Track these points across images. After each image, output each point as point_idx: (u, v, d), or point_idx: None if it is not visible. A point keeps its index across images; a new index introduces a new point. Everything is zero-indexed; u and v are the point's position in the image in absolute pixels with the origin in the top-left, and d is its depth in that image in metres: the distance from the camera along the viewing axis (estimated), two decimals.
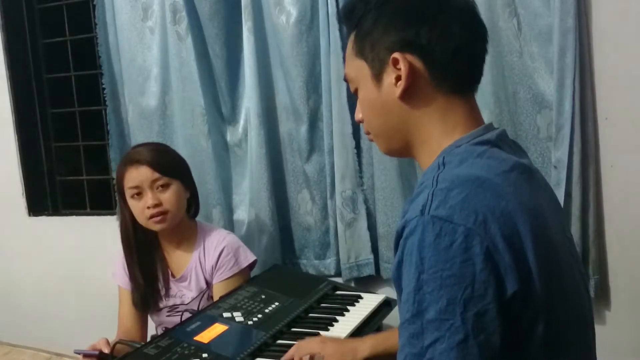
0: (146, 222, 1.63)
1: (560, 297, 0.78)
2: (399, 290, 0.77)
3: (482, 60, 0.90)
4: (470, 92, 0.89)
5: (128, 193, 1.62)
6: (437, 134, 0.86)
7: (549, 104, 1.68)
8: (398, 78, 0.85)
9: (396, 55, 0.84)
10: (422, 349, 0.70)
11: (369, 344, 1.25)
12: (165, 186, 1.62)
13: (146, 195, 1.60)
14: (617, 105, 1.65)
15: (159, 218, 1.61)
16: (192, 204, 1.75)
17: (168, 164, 1.65)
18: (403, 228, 0.76)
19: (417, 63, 0.84)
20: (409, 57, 0.84)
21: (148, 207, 1.60)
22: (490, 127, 0.88)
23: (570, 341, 0.80)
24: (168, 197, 1.62)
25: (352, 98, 1.91)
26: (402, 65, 0.84)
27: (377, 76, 0.87)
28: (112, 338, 1.55)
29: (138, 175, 1.60)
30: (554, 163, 1.68)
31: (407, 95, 0.85)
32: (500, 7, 1.69)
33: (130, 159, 1.63)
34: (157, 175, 1.61)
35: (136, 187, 1.61)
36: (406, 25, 0.84)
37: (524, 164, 0.84)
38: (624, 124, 1.65)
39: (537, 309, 0.73)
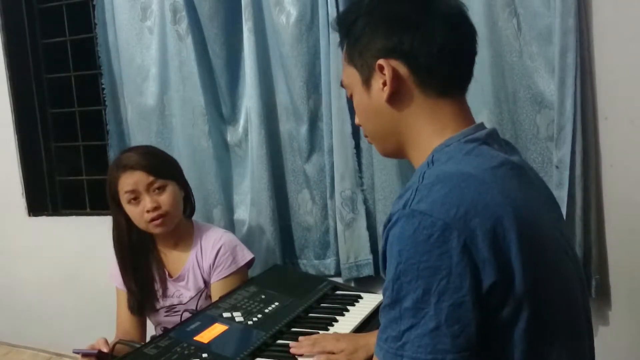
0: (146, 226, 1.63)
1: (549, 292, 0.80)
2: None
3: (472, 61, 0.92)
4: (460, 93, 0.92)
5: (124, 198, 1.62)
6: (427, 135, 0.89)
7: (549, 104, 1.68)
8: (384, 83, 0.88)
9: (381, 61, 0.87)
10: (400, 332, 0.75)
11: None
12: (161, 188, 1.62)
13: (144, 199, 1.60)
14: (616, 105, 1.65)
15: (159, 221, 1.61)
16: (187, 204, 1.75)
17: (162, 166, 1.65)
18: (389, 221, 0.80)
19: (402, 68, 0.87)
20: (394, 62, 0.87)
21: (147, 211, 1.60)
22: (480, 127, 0.90)
23: (559, 336, 0.81)
24: (165, 199, 1.62)
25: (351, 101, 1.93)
26: (386, 71, 0.87)
27: (367, 82, 0.91)
28: (112, 338, 1.55)
29: (133, 179, 1.60)
30: (556, 163, 1.68)
31: (395, 100, 0.89)
32: (500, 7, 1.69)
33: (123, 164, 1.62)
34: (152, 178, 1.60)
35: (132, 191, 1.60)
36: (390, 32, 0.87)
37: (513, 161, 0.87)
38: (624, 123, 1.65)
39: (520, 301, 0.75)
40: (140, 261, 1.70)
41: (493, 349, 0.76)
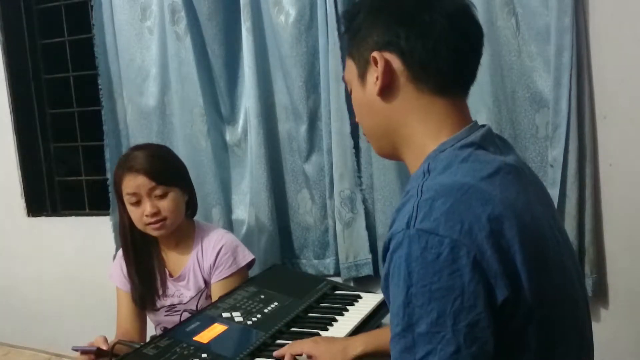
0: (144, 228, 1.63)
1: (554, 293, 0.79)
2: (389, 302, 0.78)
3: (475, 62, 0.90)
4: (458, 94, 0.89)
5: (126, 199, 1.62)
6: (420, 135, 0.87)
7: (548, 103, 1.68)
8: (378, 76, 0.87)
9: (374, 54, 0.86)
10: None
11: (361, 341, 1.27)
12: (163, 195, 1.61)
13: (144, 203, 1.59)
14: (615, 104, 1.65)
15: (157, 225, 1.61)
16: (189, 205, 1.75)
17: (166, 172, 1.62)
18: (389, 241, 0.77)
19: (396, 62, 0.86)
20: (388, 55, 0.86)
21: (147, 215, 1.60)
22: (474, 127, 0.88)
23: (567, 334, 0.81)
24: (166, 205, 1.61)
25: (351, 98, 1.93)
26: (379, 63, 0.86)
27: (362, 76, 0.90)
28: (112, 338, 1.55)
29: (135, 183, 1.59)
30: (550, 162, 1.68)
31: (388, 94, 0.87)
32: (499, 6, 1.69)
33: (128, 165, 1.60)
34: (154, 184, 1.59)
35: (134, 194, 1.60)
36: (388, 25, 0.86)
37: (509, 164, 0.84)
38: (623, 122, 1.65)
39: (528, 311, 0.74)
40: (143, 258, 1.70)
41: (503, 354, 0.75)
